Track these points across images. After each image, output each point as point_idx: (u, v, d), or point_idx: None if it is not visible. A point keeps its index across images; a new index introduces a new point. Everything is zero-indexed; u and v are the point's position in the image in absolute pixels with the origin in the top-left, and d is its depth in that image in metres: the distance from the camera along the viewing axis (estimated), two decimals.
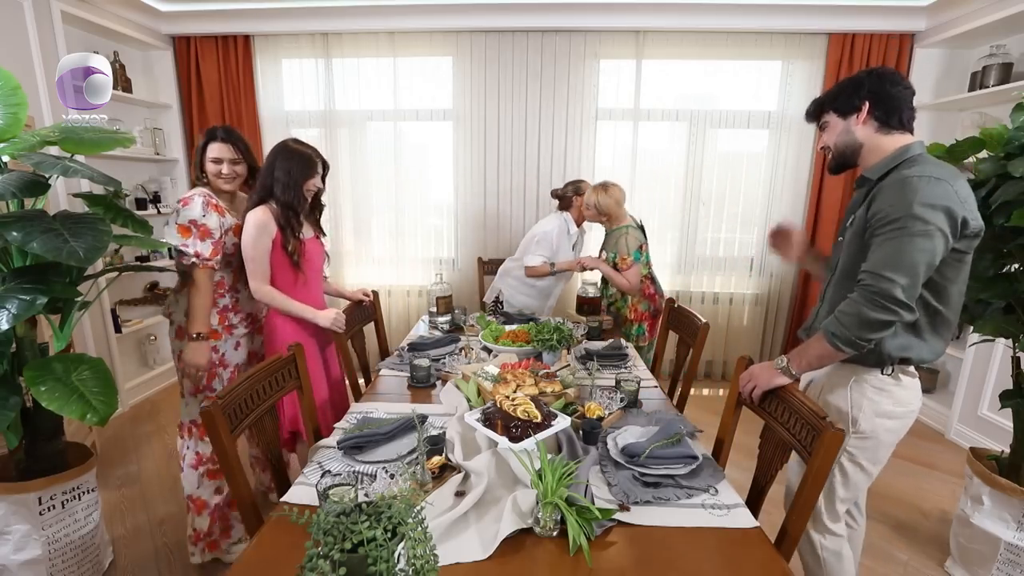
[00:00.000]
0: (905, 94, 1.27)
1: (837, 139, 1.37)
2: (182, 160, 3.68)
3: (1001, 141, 1.59)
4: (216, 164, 1.80)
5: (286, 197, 1.78)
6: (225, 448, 1.14)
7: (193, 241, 1.68)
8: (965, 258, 1.22)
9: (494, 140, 3.56)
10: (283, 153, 1.80)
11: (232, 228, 1.79)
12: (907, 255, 1.14)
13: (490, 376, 1.56)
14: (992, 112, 2.92)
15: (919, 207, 1.13)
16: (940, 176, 1.15)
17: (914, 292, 1.15)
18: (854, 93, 1.31)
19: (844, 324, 1.20)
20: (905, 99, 1.27)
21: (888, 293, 1.14)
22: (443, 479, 1.17)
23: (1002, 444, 2.12)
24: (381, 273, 3.86)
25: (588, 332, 2.32)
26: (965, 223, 1.15)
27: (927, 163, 1.21)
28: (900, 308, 1.15)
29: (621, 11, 3.26)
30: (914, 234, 1.13)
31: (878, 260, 1.18)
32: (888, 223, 1.17)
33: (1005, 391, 1.72)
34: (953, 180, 1.16)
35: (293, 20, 3.37)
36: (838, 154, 1.39)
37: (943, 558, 1.96)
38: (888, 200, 1.18)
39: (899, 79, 1.28)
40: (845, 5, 3.14)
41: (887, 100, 1.27)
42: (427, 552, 0.77)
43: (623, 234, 2.50)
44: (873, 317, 1.16)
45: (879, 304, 1.15)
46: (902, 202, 1.15)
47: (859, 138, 1.32)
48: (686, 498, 1.17)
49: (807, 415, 1.18)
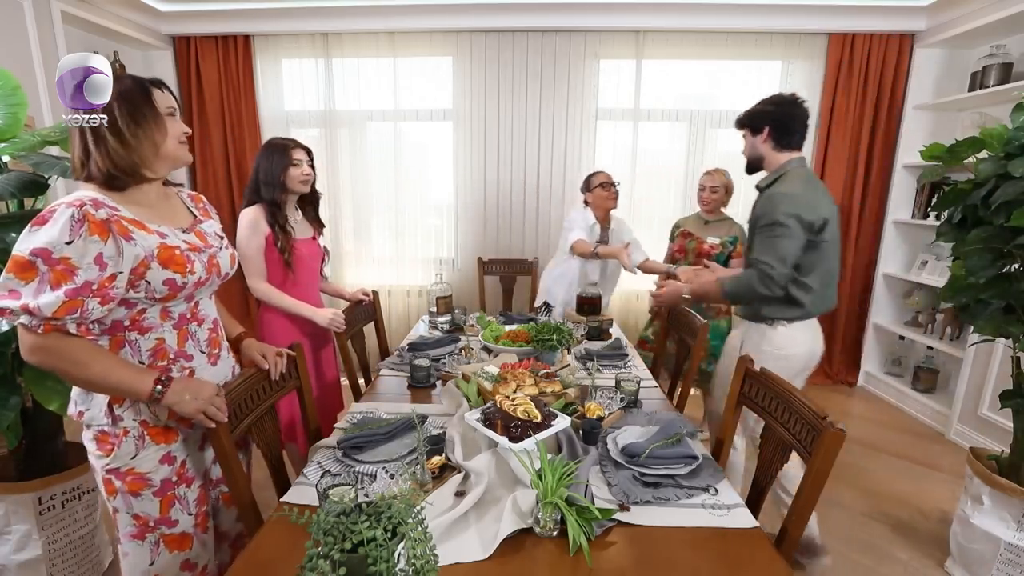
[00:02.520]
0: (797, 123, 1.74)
1: (749, 151, 1.84)
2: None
3: (1001, 141, 1.59)
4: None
5: (269, 194, 1.80)
6: (225, 448, 1.14)
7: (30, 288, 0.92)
8: (821, 246, 1.67)
9: (494, 140, 3.56)
10: (262, 152, 1.83)
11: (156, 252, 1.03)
12: (779, 249, 1.63)
13: (490, 376, 1.56)
14: (992, 112, 2.92)
15: (780, 215, 1.62)
16: (795, 192, 1.65)
17: (785, 275, 1.65)
18: (762, 119, 1.76)
19: (738, 287, 1.74)
20: (797, 124, 1.74)
21: (770, 275, 1.64)
22: (443, 479, 1.17)
23: (1002, 444, 2.12)
24: (381, 273, 3.85)
25: (588, 332, 2.32)
26: (812, 224, 1.63)
27: (793, 180, 1.69)
28: (775, 286, 1.66)
29: (621, 11, 3.26)
30: (780, 235, 1.63)
31: (763, 252, 1.67)
32: (764, 227, 1.67)
33: (1005, 391, 1.72)
34: (805, 193, 1.65)
35: (293, 20, 3.37)
36: (750, 161, 1.86)
37: (943, 558, 1.96)
38: (763, 210, 1.69)
39: (797, 108, 1.73)
40: (845, 5, 3.14)
41: (783, 127, 1.74)
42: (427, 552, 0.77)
43: (735, 222, 2.66)
44: (759, 289, 1.67)
45: (764, 281, 1.66)
46: (771, 212, 1.64)
47: (761, 153, 1.80)
48: (686, 498, 1.17)
49: (807, 415, 1.18)
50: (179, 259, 1.06)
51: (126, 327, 1.06)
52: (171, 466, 1.14)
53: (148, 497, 1.11)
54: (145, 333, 1.08)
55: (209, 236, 1.20)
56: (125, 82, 1.04)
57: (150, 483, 1.11)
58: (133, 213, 1.04)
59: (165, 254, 1.04)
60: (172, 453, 1.14)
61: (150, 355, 1.09)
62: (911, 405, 3.26)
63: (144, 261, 1.01)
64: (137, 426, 1.10)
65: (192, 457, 1.19)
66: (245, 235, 1.78)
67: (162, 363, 1.11)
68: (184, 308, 1.14)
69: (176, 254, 1.06)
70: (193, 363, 1.16)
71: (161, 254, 1.04)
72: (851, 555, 1.99)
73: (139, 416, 1.10)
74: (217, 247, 1.20)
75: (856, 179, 3.44)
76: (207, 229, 1.22)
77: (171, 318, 1.11)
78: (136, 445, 1.09)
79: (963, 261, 1.68)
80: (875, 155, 3.43)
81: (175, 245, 1.08)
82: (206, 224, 1.24)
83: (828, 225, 1.65)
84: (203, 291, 1.17)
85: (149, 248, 1.02)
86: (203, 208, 1.29)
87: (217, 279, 1.18)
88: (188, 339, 1.15)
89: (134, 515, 1.12)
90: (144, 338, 1.08)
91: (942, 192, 1.82)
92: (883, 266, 3.53)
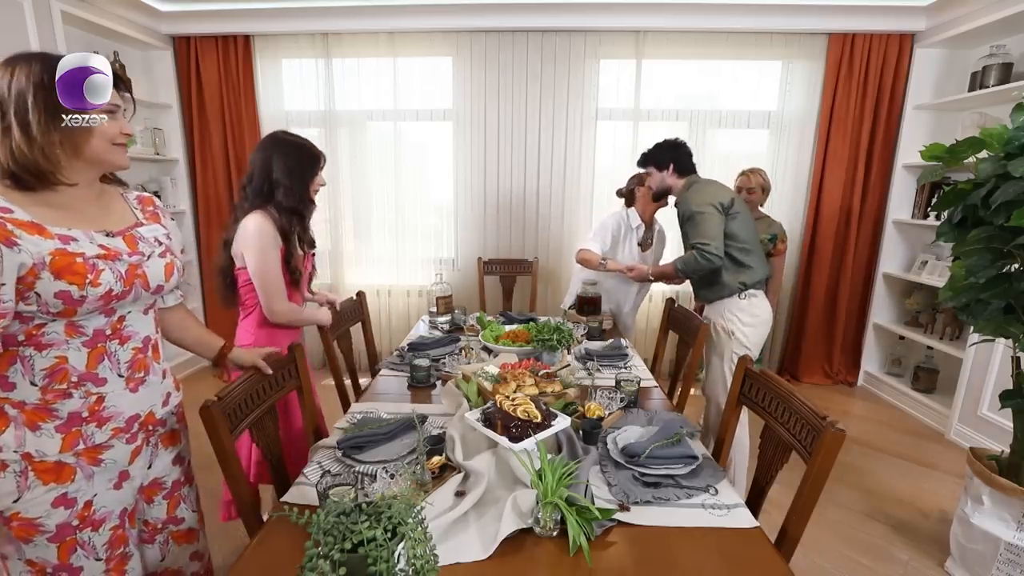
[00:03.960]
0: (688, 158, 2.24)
1: (659, 183, 2.30)
2: (182, 160, 3.68)
3: (1001, 141, 1.59)
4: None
5: (291, 202, 1.55)
6: (225, 448, 1.14)
7: None
8: (737, 216, 2.09)
9: (494, 140, 3.56)
10: (278, 149, 1.56)
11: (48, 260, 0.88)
12: (705, 229, 2.03)
13: (490, 376, 1.56)
14: (992, 112, 2.92)
15: (695, 206, 2.07)
16: (700, 188, 2.13)
17: (716, 246, 2.02)
18: (665, 157, 2.24)
19: (685, 264, 2.11)
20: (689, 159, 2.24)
21: (706, 249, 2.01)
22: (443, 479, 1.17)
23: (1002, 444, 2.12)
24: (381, 273, 3.86)
25: (588, 332, 2.32)
26: (722, 204, 2.06)
27: (692, 188, 2.17)
28: (714, 257, 2.02)
29: (621, 11, 3.26)
30: (700, 220, 2.05)
31: (694, 236, 2.07)
32: (687, 219, 2.11)
33: (1005, 391, 1.72)
34: (707, 188, 2.13)
35: (293, 20, 3.37)
36: (659, 191, 2.34)
37: (943, 558, 1.96)
38: (682, 208, 2.14)
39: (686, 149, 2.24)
40: (845, 5, 3.14)
41: (681, 162, 2.23)
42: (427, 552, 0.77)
43: (773, 220, 2.73)
44: (701, 262, 2.03)
45: (702, 255, 2.02)
46: (688, 207, 2.10)
47: (669, 183, 2.27)
48: (686, 498, 1.17)
49: (807, 415, 1.18)
50: (78, 268, 0.89)
51: (20, 342, 0.90)
52: (69, 509, 0.95)
53: (42, 543, 0.95)
54: (44, 350, 0.91)
55: (143, 242, 1.03)
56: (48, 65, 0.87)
57: (42, 529, 0.94)
58: (33, 215, 0.88)
59: (60, 262, 0.87)
60: (69, 495, 0.95)
61: (45, 376, 0.92)
62: (911, 405, 3.26)
63: (32, 270, 0.85)
64: (18, 459, 0.91)
65: (104, 497, 1.00)
66: (257, 249, 1.51)
67: (60, 386, 0.93)
68: (102, 324, 0.96)
69: (76, 263, 0.89)
70: (104, 388, 0.97)
71: (55, 262, 0.87)
72: (851, 555, 1.99)
73: (21, 447, 0.91)
74: (146, 254, 1.02)
75: (856, 179, 3.44)
76: (145, 234, 1.05)
77: (81, 334, 0.94)
78: (17, 483, 0.91)
79: (963, 261, 1.68)
80: (875, 155, 3.43)
81: (78, 252, 0.90)
82: (146, 228, 1.07)
83: (735, 203, 2.10)
84: (128, 305, 0.99)
85: (39, 255, 0.86)
86: (152, 212, 1.12)
87: (145, 292, 1.00)
88: (103, 360, 0.97)
89: (27, 561, 0.96)
90: (41, 356, 0.91)
91: (942, 192, 1.82)
92: (883, 266, 3.53)
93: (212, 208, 3.73)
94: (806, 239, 3.59)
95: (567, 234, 3.66)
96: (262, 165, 1.56)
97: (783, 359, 3.85)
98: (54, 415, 0.93)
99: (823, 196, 3.49)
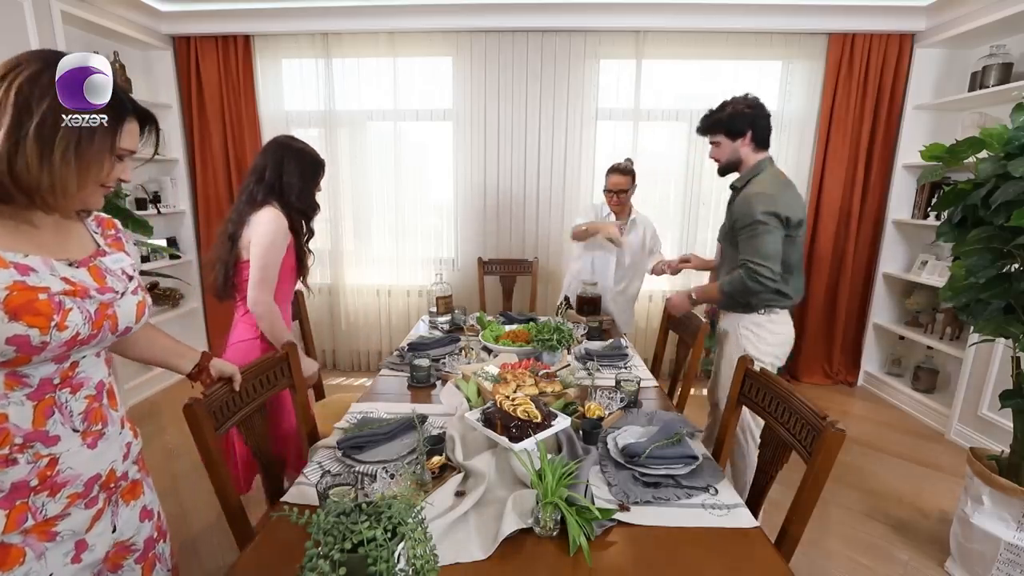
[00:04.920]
0: (768, 126, 1.84)
1: (728, 155, 1.89)
2: (182, 160, 3.68)
3: (1001, 141, 1.59)
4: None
5: (301, 203, 1.65)
6: (209, 447, 1.12)
7: None
8: (795, 240, 1.80)
9: (494, 140, 3.56)
10: (289, 153, 1.65)
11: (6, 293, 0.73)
12: (763, 247, 1.73)
13: (490, 376, 1.56)
14: (992, 112, 2.92)
15: (760, 215, 1.72)
16: (771, 192, 1.75)
17: (772, 270, 1.73)
18: (743, 123, 1.82)
19: (732, 287, 1.82)
20: (769, 127, 1.84)
21: (761, 273, 1.73)
22: (443, 479, 1.17)
23: (1002, 444, 2.12)
24: (381, 273, 3.86)
25: (588, 332, 2.32)
26: (788, 220, 1.73)
27: (766, 179, 1.80)
28: (767, 281, 1.74)
29: (621, 11, 3.26)
30: (761, 233, 1.73)
31: (748, 251, 1.76)
32: (745, 227, 1.77)
33: (1005, 391, 1.72)
34: (781, 194, 1.76)
35: (293, 20, 3.37)
36: (727, 164, 1.93)
37: (943, 558, 1.96)
38: (742, 211, 1.79)
39: (766, 110, 1.83)
40: (845, 5, 3.14)
41: (764, 128, 1.83)
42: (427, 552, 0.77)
43: None
44: (752, 287, 1.76)
45: (754, 279, 1.75)
46: (750, 212, 1.74)
47: (741, 156, 1.87)
48: (686, 498, 1.17)
49: (807, 415, 1.18)
50: (41, 307, 0.73)
51: None
52: None
53: None
54: None
55: (110, 276, 0.87)
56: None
57: None
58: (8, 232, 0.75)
59: (18, 299, 0.71)
60: None
61: None
62: (911, 405, 3.26)
63: None
64: None
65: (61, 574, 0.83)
66: (270, 238, 1.55)
67: (1, 452, 0.75)
68: (51, 372, 0.79)
69: (39, 300, 0.73)
70: (57, 448, 0.80)
71: (11, 299, 0.70)
72: (851, 555, 1.99)
73: None
74: (118, 292, 0.87)
75: (856, 179, 3.44)
76: (110, 265, 0.89)
77: (25, 385, 0.76)
78: None
79: (963, 261, 1.68)
80: (875, 155, 3.42)
81: (41, 287, 0.74)
82: (111, 258, 0.90)
83: (802, 224, 1.80)
84: (86, 350, 0.83)
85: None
86: (114, 238, 0.95)
87: (111, 335, 0.85)
88: (53, 413, 0.80)
89: None
90: None
91: (942, 192, 1.82)
92: (883, 266, 3.53)
93: (212, 208, 3.73)
94: (806, 239, 3.58)
95: (567, 234, 3.65)
96: (274, 166, 1.63)
97: None
98: None
99: (823, 196, 3.49)
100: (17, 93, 0.72)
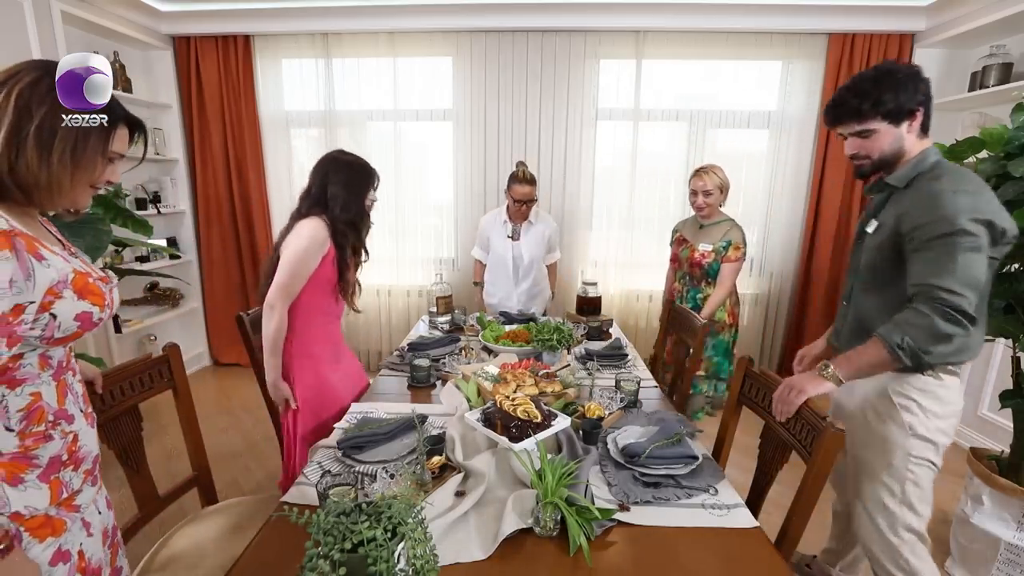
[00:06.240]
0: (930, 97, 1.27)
1: (891, 145, 1.26)
2: (182, 160, 3.68)
3: (1001, 141, 1.59)
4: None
5: (347, 215, 1.60)
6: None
7: None
8: (994, 263, 1.20)
9: (494, 140, 3.56)
10: (333, 165, 1.62)
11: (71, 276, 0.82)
12: (967, 269, 1.12)
13: (490, 376, 1.56)
14: (992, 112, 2.92)
15: (967, 222, 1.12)
16: (977, 191, 1.16)
17: (975, 304, 1.13)
18: (911, 98, 1.22)
19: (912, 335, 1.14)
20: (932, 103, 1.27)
21: (961, 307, 1.11)
22: (443, 479, 1.17)
23: (1002, 444, 2.12)
24: (381, 273, 3.85)
25: (588, 332, 2.32)
26: (1004, 232, 1.15)
27: (952, 173, 1.21)
28: (970, 322, 1.12)
29: (621, 11, 3.26)
30: (966, 249, 1.12)
31: (940, 274, 1.13)
32: (935, 237, 1.15)
33: (1005, 391, 1.72)
34: (984, 193, 1.16)
35: (293, 20, 3.37)
36: (885, 159, 1.29)
37: (943, 558, 1.96)
38: (931, 213, 1.16)
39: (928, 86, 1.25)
40: (845, 5, 3.14)
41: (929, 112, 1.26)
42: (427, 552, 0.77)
43: (733, 224, 2.53)
44: (946, 330, 1.12)
45: (952, 318, 1.12)
46: (949, 217, 1.13)
47: (906, 146, 1.27)
48: (686, 498, 1.17)
49: (807, 415, 1.18)
50: (93, 288, 0.83)
51: None
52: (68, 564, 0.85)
53: None
54: (17, 387, 0.79)
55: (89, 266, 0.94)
56: None
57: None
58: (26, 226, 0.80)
59: (80, 281, 0.81)
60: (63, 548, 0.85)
61: (22, 418, 0.80)
62: None
63: (53, 289, 0.77)
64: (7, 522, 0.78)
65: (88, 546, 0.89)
66: (303, 246, 1.52)
67: (39, 428, 0.82)
68: (62, 354, 0.87)
69: (90, 282, 0.83)
70: (75, 426, 0.88)
71: (76, 280, 0.80)
72: None
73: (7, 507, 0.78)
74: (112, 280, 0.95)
75: (856, 179, 3.43)
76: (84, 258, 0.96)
77: (50, 366, 0.84)
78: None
79: None
80: None
81: (84, 271, 0.84)
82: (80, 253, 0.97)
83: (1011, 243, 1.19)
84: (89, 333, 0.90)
85: (63, 271, 0.78)
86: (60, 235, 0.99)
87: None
88: (67, 393, 0.88)
89: None
90: (15, 394, 0.79)
91: None
92: None
93: (212, 208, 3.73)
94: (806, 239, 3.59)
95: (567, 234, 3.66)
96: (320, 179, 1.62)
97: (783, 359, 3.84)
98: (34, 463, 0.81)
99: (823, 196, 3.49)
100: (17, 98, 0.76)
